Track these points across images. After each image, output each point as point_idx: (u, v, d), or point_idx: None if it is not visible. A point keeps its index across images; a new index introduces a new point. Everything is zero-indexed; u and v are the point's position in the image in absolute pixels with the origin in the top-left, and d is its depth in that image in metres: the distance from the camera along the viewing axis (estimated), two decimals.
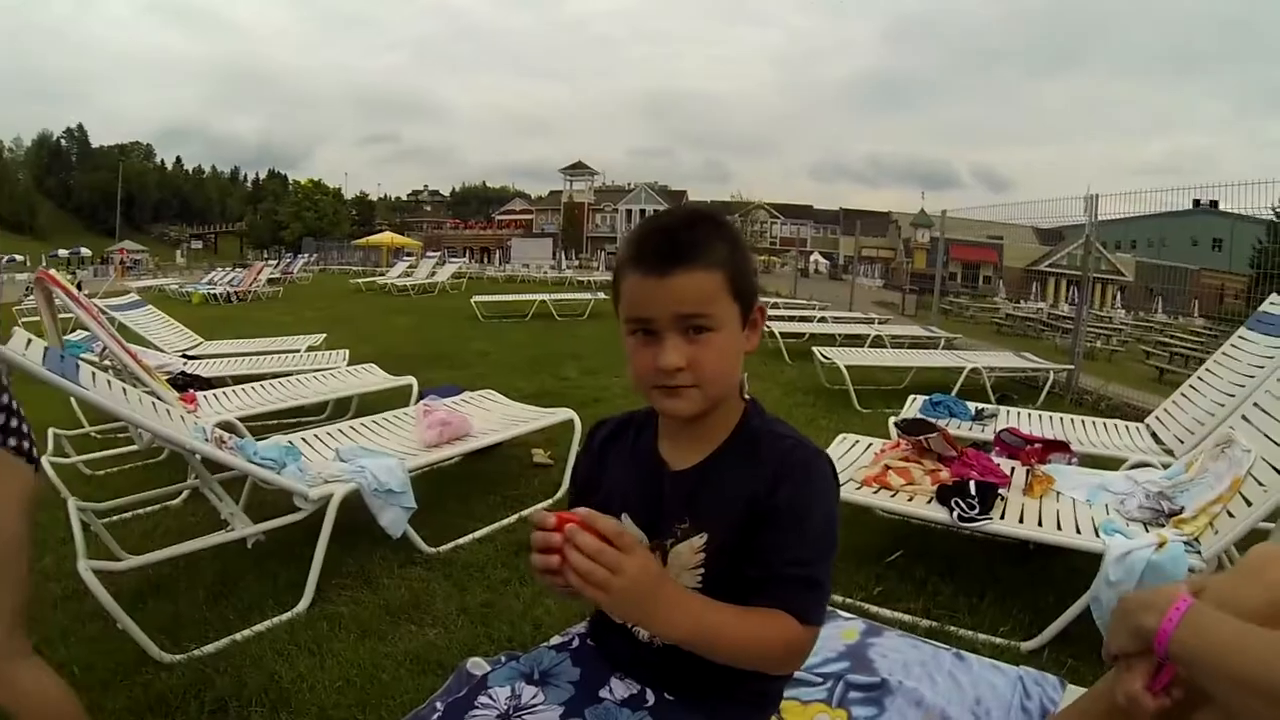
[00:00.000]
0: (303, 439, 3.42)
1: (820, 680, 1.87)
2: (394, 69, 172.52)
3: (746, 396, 1.13)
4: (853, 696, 1.82)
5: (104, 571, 2.24)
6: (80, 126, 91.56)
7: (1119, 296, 25.40)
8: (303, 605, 2.55)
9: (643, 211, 60.92)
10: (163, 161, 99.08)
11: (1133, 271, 26.08)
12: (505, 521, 3.35)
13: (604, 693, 1.11)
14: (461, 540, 3.14)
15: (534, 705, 1.10)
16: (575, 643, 1.23)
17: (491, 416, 4.04)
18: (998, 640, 2.39)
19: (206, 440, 2.69)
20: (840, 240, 52.09)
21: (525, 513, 3.45)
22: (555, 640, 1.27)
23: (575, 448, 3.83)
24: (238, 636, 2.37)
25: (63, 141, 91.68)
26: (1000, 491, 2.76)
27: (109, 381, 2.90)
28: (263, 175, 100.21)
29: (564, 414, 3.91)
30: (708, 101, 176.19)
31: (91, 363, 3.48)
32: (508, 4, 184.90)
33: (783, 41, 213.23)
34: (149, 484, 3.65)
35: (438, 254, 29.96)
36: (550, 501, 3.64)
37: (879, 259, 44.26)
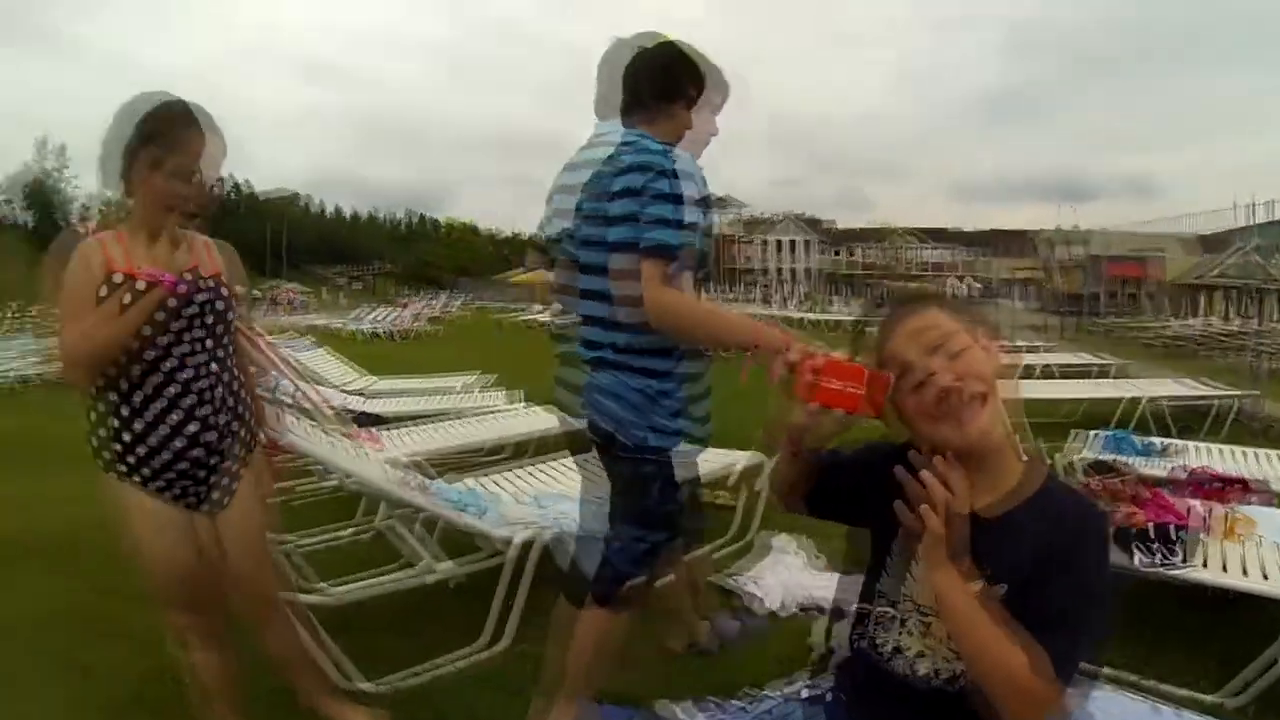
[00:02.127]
0: (493, 481, 3.58)
1: None
2: (524, 110, 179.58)
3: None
4: None
5: (313, 604, 2.45)
6: (247, 181, 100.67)
7: None
8: (502, 645, 2.65)
9: (792, 243, 60.56)
10: (321, 206, 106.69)
11: None
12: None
13: None
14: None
15: None
16: (828, 696, 1.24)
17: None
18: (1193, 694, 2.27)
19: (407, 485, 2.95)
20: (991, 263, 49.57)
21: (710, 554, 3.41)
22: (791, 689, 1.30)
23: (762, 488, 3.76)
24: (435, 671, 2.49)
25: (230, 194, 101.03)
26: (1200, 536, 2.66)
27: (294, 419, 3.20)
28: (414, 219, 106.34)
29: (754, 457, 3.84)
30: (835, 125, 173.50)
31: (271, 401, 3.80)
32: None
33: (900, 59, 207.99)
34: (322, 513, 3.90)
35: None
36: (735, 547, 3.66)
37: (1025, 280, 42.07)
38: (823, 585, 3.05)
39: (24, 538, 4.19)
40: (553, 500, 3.24)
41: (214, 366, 1.80)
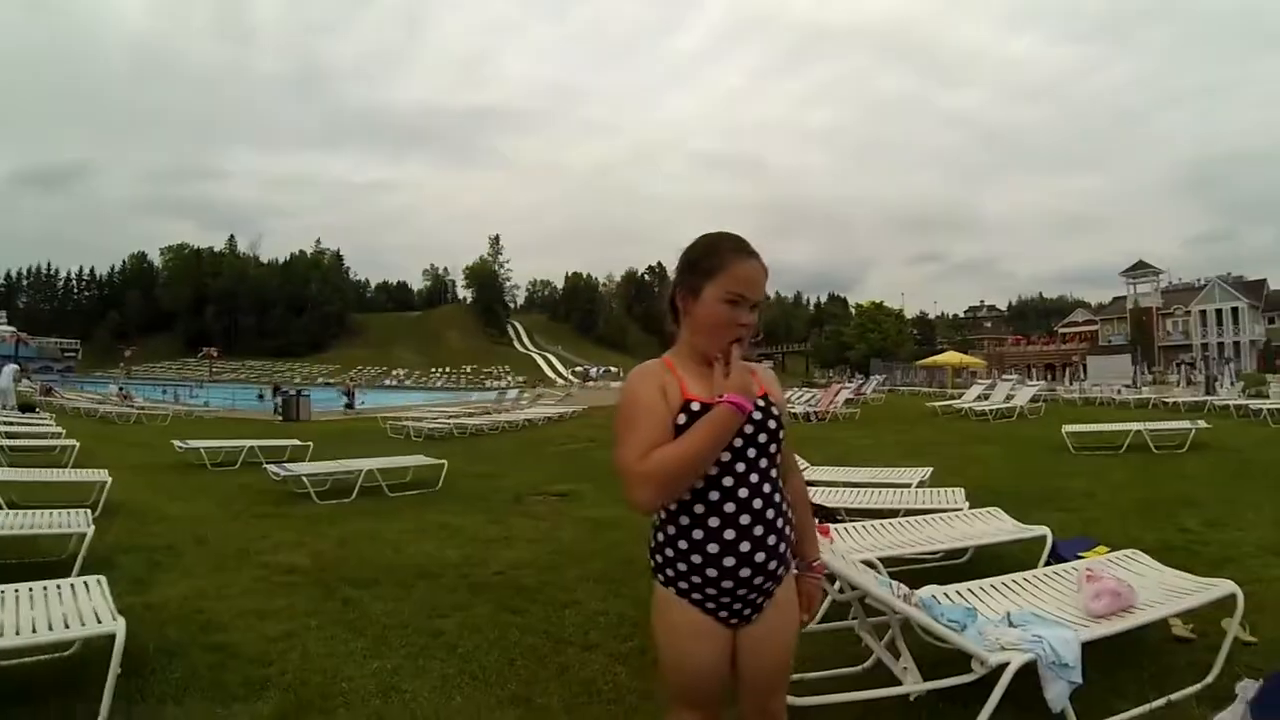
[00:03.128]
0: (967, 591, 3.42)
1: None
2: (928, 186, 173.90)
3: None
4: None
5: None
6: (660, 264, 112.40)
7: None
8: None
9: (1219, 312, 50.04)
10: None
11: None
12: (1154, 705, 2.97)
13: None
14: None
15: None
16: None
17: (1146, 583, 3.55)
18: None
19: (894, 594, 2.84)
20: None
21: (1174, 696, 3.01)
22: None
23: (1235, 626, 3.30)
24: None
25: (645, 276, 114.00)
26: None
27: None
28: (823, 299, 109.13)
29: (1227, 587, 3.35)
30: (1264, 160, 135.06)
31: None
32: (1018, 100, 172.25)
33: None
34: None
35: (1014, 376, 28.46)
36: (1199, 686, 3.09)
37: None
38: None
39: (472, 571, 5.13)
40: (1049, 626, 2.91)
41: (767, 488, 1.81)
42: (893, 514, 5.34)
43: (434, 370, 67.29)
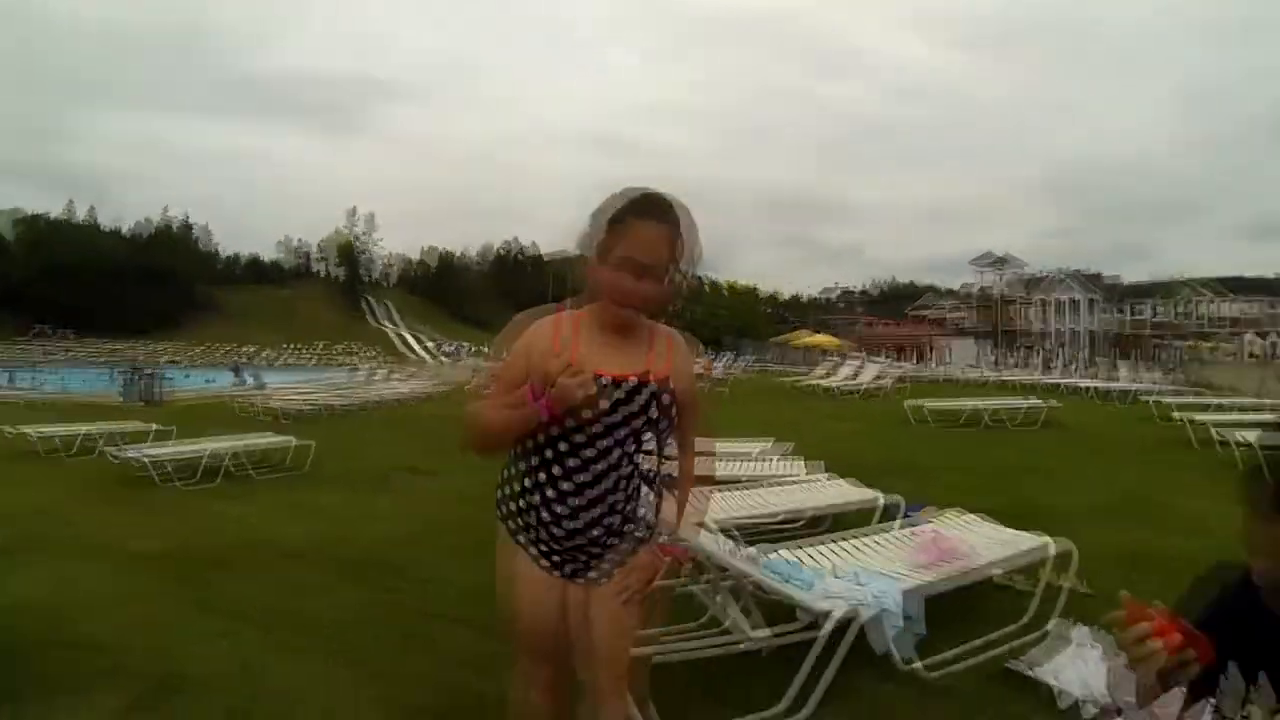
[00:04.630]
0: (816, 553, 3.64)
1: None
2: (803, 173, 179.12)
3: None
4: None
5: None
6: (533, 243, 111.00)
7: None
8: (801, 715, 2.74)
9: (1060, 302, 54.82)
10: None
11: None
12: (995, 653, 3.30)
13: None
14: (956, 666, 3.15)
15: None
16: None
17: (982, 540, 3.96)
18: None
19: (735, 553, 3.07)
20: None
21: (1012, 646, 3.35)
22: None
23: (1070, 579, 3.75)
24: None
25: (517, 256, 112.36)
26: None
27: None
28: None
29: (1063, 544, 3.79)
30: (1112, 169, 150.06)
31: None
32: (899, 100, 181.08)
33: (1183, 81, 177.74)
34: None
35: (860, 356, 30.17)
36: (1031, 636, 3.47)
37: None
38: None
39: (338, 550, 5.10)
40: (872, 578, 3.20)
41: (616, 455, 1.78)
42: (751, 482, 5.61)
43: (287, 346, 63.85)
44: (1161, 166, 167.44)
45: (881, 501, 4.91)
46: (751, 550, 3.39)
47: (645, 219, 1.73)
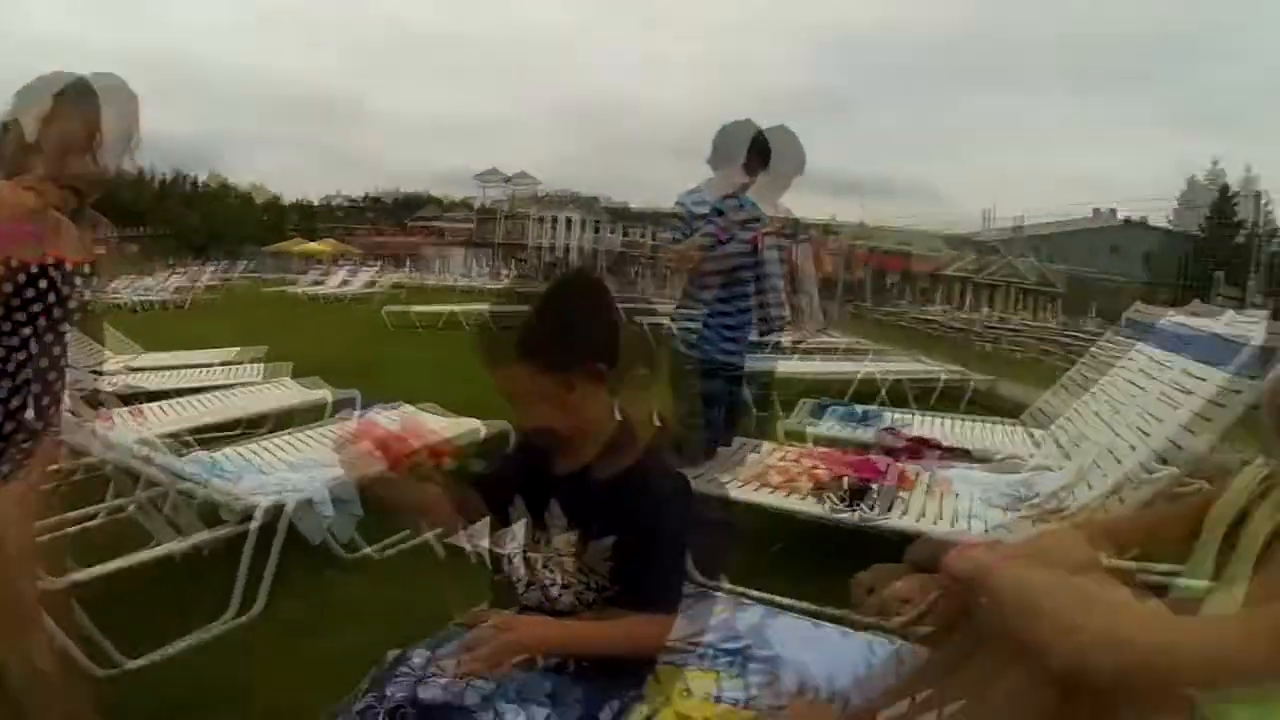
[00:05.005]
0: (248, 451, 3.56)
1: (722, 655, 2.09)
2: (323, 71, 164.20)
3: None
4: (751, 667, 2.04)
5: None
6: None
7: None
8: (254, 611, 2.66)
9: (569, 220, 61.09)
10: None
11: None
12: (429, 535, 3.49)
13: None
14: (404, 545, 3.24)
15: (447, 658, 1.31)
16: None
17: (407, 427, 4.17)
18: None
19: (150, 461, 2.81)
20: None
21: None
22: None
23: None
24: (185, 642, 2.45)
25: None
26: (896, 491, 3.07)
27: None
28: (203, 176, 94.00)
29: (469, 424, 4.13)
30: (638, 109, 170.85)
31: None
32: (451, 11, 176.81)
33: (706, 50, 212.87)
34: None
35: (352, 263, 29.75)
36: None
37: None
38: None
39: None
40: (303, 468, 3.19)
41: (32, 347, 1.74)
42: (204, 391, 5.27)
43: None
44: (685, 115, 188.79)
45: (330, 399, 4.89)
46: (175, 458, 3.13)
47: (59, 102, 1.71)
